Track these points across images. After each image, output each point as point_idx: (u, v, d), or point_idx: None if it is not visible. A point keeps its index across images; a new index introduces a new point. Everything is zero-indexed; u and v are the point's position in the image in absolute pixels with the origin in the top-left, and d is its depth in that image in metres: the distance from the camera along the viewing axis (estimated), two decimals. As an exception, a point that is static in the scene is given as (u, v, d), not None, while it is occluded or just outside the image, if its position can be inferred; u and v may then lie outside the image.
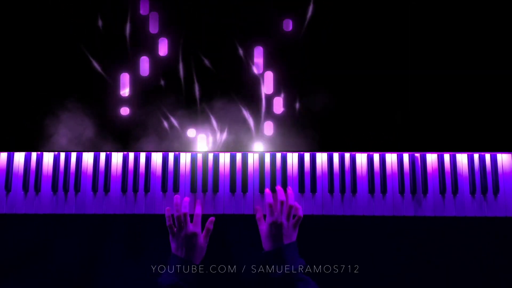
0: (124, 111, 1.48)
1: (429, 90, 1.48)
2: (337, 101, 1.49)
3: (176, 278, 1.38)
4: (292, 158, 1.52)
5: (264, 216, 1.48)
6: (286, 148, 1.48)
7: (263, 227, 1.46)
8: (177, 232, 1.44)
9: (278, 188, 1.48)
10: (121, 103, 1.48)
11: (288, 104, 1.49)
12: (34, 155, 1.52)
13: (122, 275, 1.58)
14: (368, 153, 1.51)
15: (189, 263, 1.41)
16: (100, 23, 1.49)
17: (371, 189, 1.50)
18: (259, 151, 1.49)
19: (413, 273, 1.59)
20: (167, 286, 1.37)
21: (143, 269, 1.57)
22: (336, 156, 1.52)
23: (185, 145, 1.48)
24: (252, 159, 1.52)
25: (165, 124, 1.48)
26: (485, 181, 1.50)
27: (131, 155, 1.52)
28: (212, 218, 1.48)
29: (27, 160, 1.51)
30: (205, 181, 1.50)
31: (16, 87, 1.49)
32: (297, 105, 1.49)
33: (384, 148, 1.48)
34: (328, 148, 1.48)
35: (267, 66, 1.49)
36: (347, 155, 1.52)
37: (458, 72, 1.48)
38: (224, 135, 1.48)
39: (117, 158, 1.52)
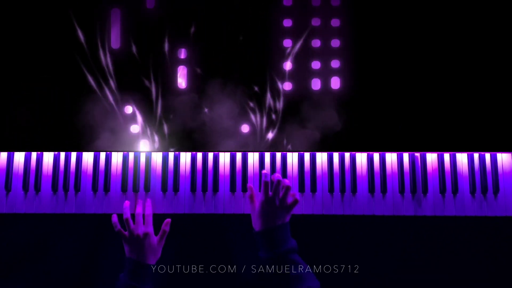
0: (127, 109, 1.48)
1: (429, 90, 1.48)
2: (337, 101, 1.49)
3: (130, 281, 1.37)
4: (292, 158, 1.52)
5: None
6: (286, 148, 1.48)
7: (255, 205, 1.43)
8: (128, 235, 1.43)
9: (276, 174, 1.45)
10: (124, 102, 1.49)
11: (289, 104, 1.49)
12: (34, 155, 1.52)
13: (122, 275, 1.58)
14: (368, 152, 1.51)
15: (142, 265, 1.39)
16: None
17: (371, 189, 1.50)
18: (259, 151, 1.49)
19: (413, 273, 1.59)
20: None
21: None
22: (336, 155, 1.52)
23: (184, 145, 1.48)
24: (252, 159, 1.52)
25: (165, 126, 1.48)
26: (485, 181, 1.50)
27: (131, 154, 1.52)
28: (168, 220, 1.47)
29: (27, 160, 1.51)
30: (205, 181, 1.50)
31: (16, 88, 1.49)
32: (297, 106, 1.49)
33: (384, 148, 1.48)
34: (328, 148, 1.48)
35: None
36: (347, 155, 1.52)
37: (458, 71, 1.49)
38: (224, 134, 1.48)
39: (117, 158, 1.52)
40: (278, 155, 1.52)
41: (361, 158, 1.52)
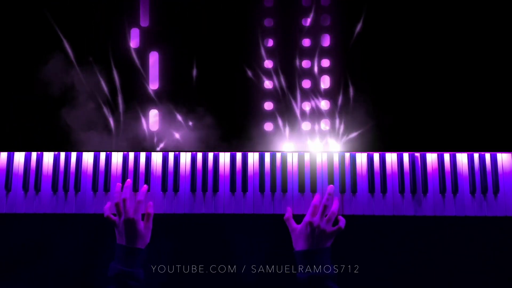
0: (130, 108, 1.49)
1: (429, 90, 1.48)
2: (337, 100, 1.49)
3: (121, 266, 1.38)
4: (292, 158, 1.52)
5: (294, 215, 1.48)
6: (286, 148, 1.48)
7: (297, 226, 1.45)
8: (118, 221, 1.44)
9: (331, 188, 1.47)
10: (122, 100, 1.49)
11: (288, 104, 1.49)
12: (34, 155, 1.52)
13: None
14: (368, 152, 1.51)
15: (131, 250, 1.40)
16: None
17: (371, 189, 1.50)
18: (259, 151, 1.49)
19: (413, 273, 1.59)
20: (114, 276, 1.37)
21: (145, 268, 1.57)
22: (336, 155, 1.52)
23: (186, 145, 1.48)
24: (252, 159, 1.52)
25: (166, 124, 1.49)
26: (485, 181, 1.50)
27: (131, 154, 1.52)
28: (150, 202, 1.47)
29: (27, 160, 1.51)
30: (205, 181, 1.50)
31: (16, 88, 1.49)
32: (298, 106, 1.49)
33: (384, 148, 1.48)
34: (327, 148, 1.48)
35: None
36: (347, 155, 1.52)
37: (458, 72, 1.49)
38: (224, 135, 1.48)
39: (117, 158, 1.52)
40: (278, 154, 1.52)
41: (361, 158, 1.52)
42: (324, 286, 1.37)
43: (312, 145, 1.49)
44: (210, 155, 1.52)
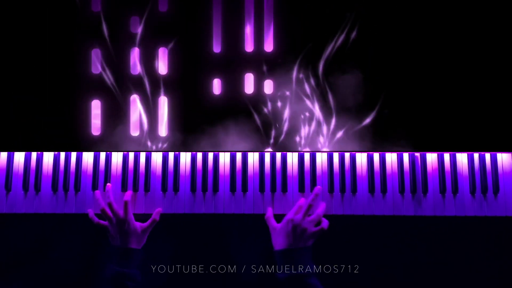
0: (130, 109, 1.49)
1: (429, 90, 1.48)
2: (336, 101, 1.49)
3: (117, 267, 1.38)
4: (292, 158, 1.52)
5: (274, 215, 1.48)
6: (287, 148, 1.48)
7: (277, 225, 1.44)
8: (109, 225, 1.43)
9: (318, 188, 1.47)
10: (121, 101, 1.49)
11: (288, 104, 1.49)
12: (34, 155, 1.52)
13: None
14: (368, 152, 1.51)
15: (128, 250, 1.40)
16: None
17: (371, 189, 1.50)
18: (259, 151, 1.49)
19: (413, 273, 1.59)
20: (110, 278, 1.37)
21: (142, 269, 1.57)
22: (336, 155, 1.52)
23: (185, 145, 1.48)
24: (252, 159, 1.52)
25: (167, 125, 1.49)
26: (485, 181, 1.50)
27: (131, 154, 1.52)
28: (159, 209, 1.47)
29: (27, 159, 1.51)
30: (205, 181, 1.50)
31: (16, 88, 1.49)
32: (297, 106, 1.49)
33: (384, 148, 1.48)
34: (328, 148, 1.48)
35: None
36: (347, 155, 1.52)
37: (458, 72, 1.49)
38: (225, 134, 1.48)
39: (117, 157, 1.52)
40: (278, 155, 1.52)
41: (361, 158, 1.52)
42: (305, 283, 1.35)
43: (312, 145, 1.49)
44: (210, 155, 1.52)
